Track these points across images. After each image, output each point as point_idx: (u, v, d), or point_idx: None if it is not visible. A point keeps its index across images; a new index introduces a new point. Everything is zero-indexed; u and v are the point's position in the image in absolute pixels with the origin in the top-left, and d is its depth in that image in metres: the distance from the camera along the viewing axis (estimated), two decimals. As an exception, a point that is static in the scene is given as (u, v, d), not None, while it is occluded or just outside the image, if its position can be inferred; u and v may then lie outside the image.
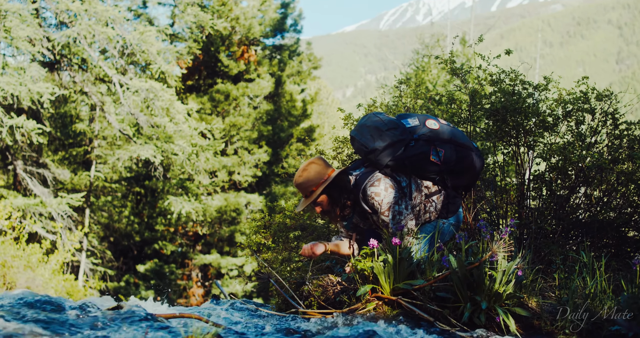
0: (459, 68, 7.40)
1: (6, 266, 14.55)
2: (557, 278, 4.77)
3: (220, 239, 29.82)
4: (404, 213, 4.98)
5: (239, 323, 4.70)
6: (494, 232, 4.27)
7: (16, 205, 21.28)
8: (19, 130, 19.55)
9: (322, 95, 48.25)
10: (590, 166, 6.36)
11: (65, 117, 27.74)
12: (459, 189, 5.38)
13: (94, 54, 22.14)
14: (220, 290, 6.92)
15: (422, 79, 28.82)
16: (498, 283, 4.06)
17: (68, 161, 28.87)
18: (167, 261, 29.73)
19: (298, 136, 31.36)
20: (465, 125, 7.15)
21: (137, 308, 4.12)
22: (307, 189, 5.17)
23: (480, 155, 5.30)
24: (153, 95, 21.64)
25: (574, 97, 6.81)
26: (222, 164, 28.66)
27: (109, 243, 30.89)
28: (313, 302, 4.99)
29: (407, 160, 5.05)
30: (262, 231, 8.13)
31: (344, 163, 7.86)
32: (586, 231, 6.53)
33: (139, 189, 31.04)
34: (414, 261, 4.52)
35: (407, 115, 5.40)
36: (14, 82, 18.64)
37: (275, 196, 29.22)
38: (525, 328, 4.11)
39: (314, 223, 7.78)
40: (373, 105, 8.16)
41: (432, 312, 4.22)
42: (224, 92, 29.74)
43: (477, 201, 6.87)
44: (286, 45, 33.50)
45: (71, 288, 18.37)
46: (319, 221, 7.81)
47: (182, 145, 23.04)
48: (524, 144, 6.92)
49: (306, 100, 33.88)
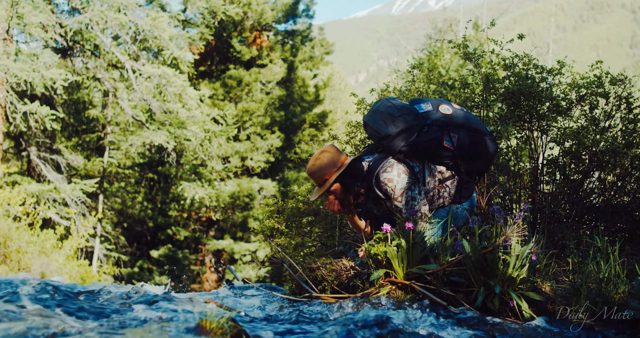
0: (471, 53, 7.37)
1: (21, 252, 14.64)
2: (570, 263, 4.76)
3: (233, 224, 29.89)
4: (418, 199, 4.96)
5: (252, 308, 4.71)
6: (508, 217, 4.26)
7: (30, 191, 21.39)
8: (32, 116, 19.63)
9: (334, 80, 48.24)
10: (604, 151, 6.33)
11: (78, 103, 27.83)
12: (473, 174, 5.33)
13: (107, 40, 22.17)
14: (234, 275, 6.95)
15: (434, 64, 28.73)
16: (512, 267, 4.06)
17: (81, 147, 28.98)
18: (181, 247, 29.84)
19: (311, 122, 31.35)
20: (478, 110, 7.13)
21: (151, 293, 4.15)
22: (321, 178, 5.14)
23: (493, 139, 5.26)
24: (165, 81, 21.66)
25: (587, 82, 6.77)
26: (234, 149, 28.70)
27: (123, 229, 31.02)
28: (326, 286, 5.00)
29: (421, 146, 5.01)
30: (275, 216, 8.13)
31: (357, 148, 7.85)
32: (600, 216, 6.51)
33: (152, 175, 31.13)
34: (428, 245, 4.52)
35: (420, 100, 5.36)
36: (27, 69, 18.69)
37: (288, 181, 29.26)
38: (538, 312, 4.10)
39: (327, 208, 7.78)
40: (386, 90, 8.13)
41: (446, 297, 4.21)
42: (237, 78, 29.73)
43: (490, 186, 6.85)
44: (298, 30, 33.45)
45: (85, 274, 18.46)
46: (332, 206, 7.81)
47: (195, 131, 23.07)
48: (538, 128, 6.89)
49: (319, 85, 33.84)
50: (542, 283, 4.33)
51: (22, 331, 2.68)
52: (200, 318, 2.94)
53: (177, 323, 3.24)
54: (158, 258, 28.62)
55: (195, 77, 30.00)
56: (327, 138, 8.22)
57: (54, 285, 4.36)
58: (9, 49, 19.35)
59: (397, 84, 8.71)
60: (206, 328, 2.87)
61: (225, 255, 29.65)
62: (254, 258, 28.65)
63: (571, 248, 5.12)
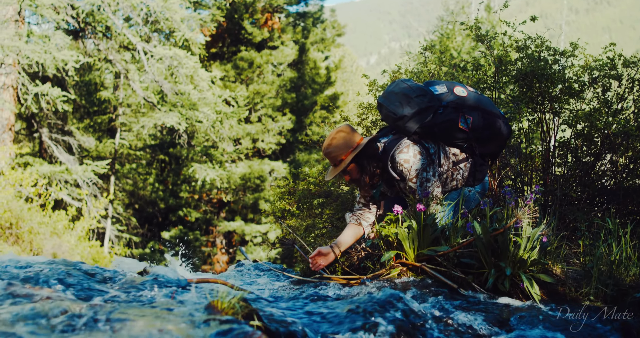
0: (484, 35, 7.34)
1: (33, 233, 14.70)
2: (581, 245, 4.76)
3: (244, 206, 29.95)
4: (432, 180, 4.95)
5: (264, 288, 4.73)
6: (519, 199, 4.26)
7: (42, 172, 21.47)
8: (44, 98, 19.67)
9: (346, 62, 48.09)
10: (617, 133, 6.31)
11: (90, 85, 27.86)
12: (486, 157, 5.33)
13: (118, 21, 22.16)
14: (245, 256, 6.98)
15: (446, 46, 28.63)
16: (522, 249, 4.06)
17: (93, 129, 29.05)
18: (192, 228, 29.94)
19: (322, 104, 31.32)
20: (490, 92, 7.11)
21: (163, 273, 4.17)
22: (336, 158, 5.12)
23: (507, 122, 5.25)
24: (177, 62, 21.66)
25: (600, 64, 6.74)
26: (246, 131, 28.71)
27: (134, 210, 31.13)
28: (337, 267, 5.01)
29: (436, 127, 5.00)
30: (286, 198, 8.15)
31: (369, 130, 7.84)
32: (611, 198, 6.50)
33: (164, 156, 31.20)
34: (439, 227, 4.52)
35: (434, 82, 5.34)
36: (39, 50, 18.70)
37: (299, 163, 29.26)
38: (549, 294, 4.11)
39: (338, 190, 7.79)
40: (398, 72, 8.12)
41: (456, 278, 4.22)
42: (248, 60, 29.70)
43: (501, 168, 6.84)
44: (310, 12, 33.36)
45: (97, 255, 18.53)
46: (343, 188, 7.82)
47: (207, 112, 23.07)
48: (550, 110, 6.87)
49: (330, 67, 33.80)
50: (553, 265, 4.33)
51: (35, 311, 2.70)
52: (212, 298, 2.96)
53: (188, 303, 3.26)
54: (169, 240, 28.72)
55: (207, 59, 29.98)
56: (338, 120, 8.22)
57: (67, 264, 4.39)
58: (21, 31, 19.36)
59: (409, 66, 8.69)
60: (218, 308, 2.88)
61: (236, 236, 29.73)
62: (264, 239, 28.72)
63: (582, 230, 5.12)
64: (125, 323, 2.59)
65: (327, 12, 34.90)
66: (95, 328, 2.51)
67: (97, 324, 2.57)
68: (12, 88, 19.78)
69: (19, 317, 2.59)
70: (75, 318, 2.65)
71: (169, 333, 2.48)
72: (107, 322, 2.60)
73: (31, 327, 2.47)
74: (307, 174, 8.25)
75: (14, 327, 2.44)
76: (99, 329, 2.50)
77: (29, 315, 2.63)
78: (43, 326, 2.50)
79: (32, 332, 2.40)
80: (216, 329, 2.58)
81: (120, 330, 2.48)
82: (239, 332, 2.53)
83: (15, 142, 25.19)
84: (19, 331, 2.39)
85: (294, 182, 8.28)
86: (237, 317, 2.83)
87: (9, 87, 19.69)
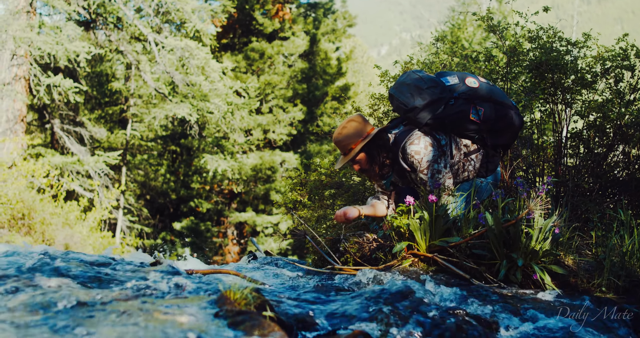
0: (496, 25, 7.32)
1: (45, 223, 14.76)
2: (594, 236, 4.75)
3: (255, 197, 29.97)
4: (443, 172, 4.96)
5: (275, 279, 4.74)
6: (531, 190, 4.25)
7: (54, 163, 21.54)
8: (56, 89, 19.72)
9: (356, 53, 48.05)
10: (629, 124, 6.29)
11: (101, 76, 27.91)
12: (498, 148, 5.32)
13: (129, 12, 22.16)
14: (256, 247, 6.99)
15: (457, 36, 28.57)
16: (534, 240, 4.06)
17: (104, 120, 29.10)
18: (203, 219, 29.99)
19: (333, 95, 31.29)
20: (502, 83, 7.09)
21: (175, 265, 4.18)
22: (346, 146, 5.15)
23: (519, 113, 5.24)
24: (188, 53, 21.66)
25: (612, 54, 6.72)
26: (257, 122, 28.72)
27: (145, 201, 31.19)
28: (349, 258, 5.02)
29: (447, 119, 5.00)
30: (297, 189, 8.15)
31: (380, 121, 7.84)
32: (624, 189, 6.48)
33: (175, 147, 31.24)
34: (450, 218, 4.52)
35: (446, 73, 5.33)
36: (51, 42, 18.74)
37: (310, 154, 29.26)
38: (561, 285, 4.11)
39: (350, 180, 7.78)
40: (409, 62, 8.10)
41: (468, 269, 4.23)
42: (259, 51, 29.69)
43: (513, 159, 6.83)
44: (321, 3, 33.32)
45: (108, 245, 18.57)
46: (354, 179, 7.82)
47: (218, 103, 23.07)
48: (562, 101, 6.85)
49: (341, 58, 33.74)
50: (565, 257, 4.33)
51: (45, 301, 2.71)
52: (225, 289, 2.97)
53: (201, 295, 3.27)
54: (180, 230, 28.80)
55: (218, 49, 29.99)
56: (349, 111, 8.21)
57: (77, 256, 4.41)
58: (33, 22, 19.39)
59: (421, 56, 8.67)
60: (230, 299, 2.90)
61: (248, 227, 29.77)
62: (276, 230, 28.74)
63: (595, 221, 5.11)
64: (137, 314, 2.61)
65: (337, 2, 34.92)
66: (107, 319, 2.52)
67: (109, 315, 2.58)
68: (24, 79, 19.82)
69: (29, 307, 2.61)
70: (85, 309, 2.66)
71: (182, 324, 2.50)
72: (118, 313, 2.62)
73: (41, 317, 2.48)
74: (318, 165, 8.25)
75: (24, 317, 2.46)
76: (111, 320, 2.51)
77: (39, 305, 2.65)
78: (52, 316, 2.52)
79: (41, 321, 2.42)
80: (229, 320, 2.59)
81: (132, 320, 2.49)
82: (252, 323, 2.54)
83: (27, 133, 25.26)
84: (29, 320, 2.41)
85: (305, 173, 8.28)
86: (249, 307, 2.84)
87: (20, 79, 19.74)
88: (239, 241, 30.64)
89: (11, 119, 19.39)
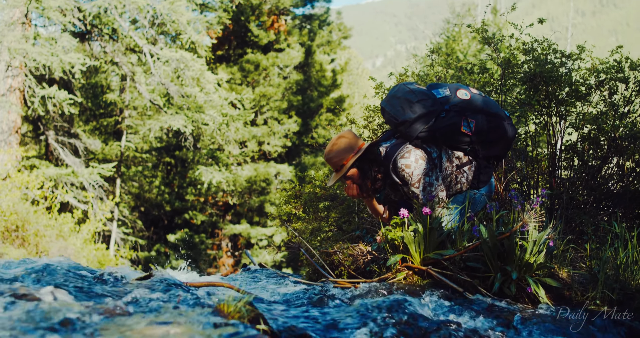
0: (491, 37, 7.34)
1: (39, 235, 14.74)
2: (588, 249, 4.75)
3: (250, 209, 29.99)
4: (435, 185, 4.95)
5: (269, 292, 4.73)
6: (525, 202, 4.25)
7: (48, 175, 21.54)
8: (50, 100, 19.72)
9: (352, 65, 48.13)
10: (623, 136, 6.31)
11: (96, 87, 27.94)
12: (491, 160, 5.31)
13: (125, 24, 22.21)
14: (250, 259, 6.98)
15: (452, 48, 28.64)
16: (529, 253, 4.05)
17: (99, 131, 29.12)
18: (197, 231, 29.99)
19: (328, 106, 31.37)
20: (497, 95, 7.10)
21: (168, 277, 4.17)
22: (338, 163, 5.13)
23: (512, 124, 5.23)
24: (183, 65, 21.69)
25: (607, 67, 6.74)
26: (252, 134, 28.75)
27: (140, 213, 31.18)
28: (343, 271, 5.01)
29: (438, 131, 4.99)
30: (292, 201, 8.15)
31: (375, 132, 7.85)
32: (618, 202, 6.49)
33: (170, 159, 31.25)
34: (445, 231, 4.51)
35: (438, 85, 5.33)
36: (46, 53, 18.75)
37: (305, 166, 29.30)
38: (555, 298, 4.10)
39: (344, 193, 7.79)
40: (404, 74, 8.12)
41: (462, 282, 4.22)
42: (254, 62, 29.75)
43: (508, 171, 6.84)
44: (316, 14, 33.41)
45: (102, 258, 18.57)
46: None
47: (213, 115, 23.09)
48: (556, 113, 6.87)
49: (336, 70, 33.82)
50: (559, 269, 4.32)
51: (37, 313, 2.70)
52: (218, 302, 2.96)
53: (194, 307, 3.26)
54: (175, 242, 28.78)
55: (213, 61, 30.03)
56: (344, 123, 8.22)
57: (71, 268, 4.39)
58: (28, 33, 19.42)
59: (416, 68, 8.69)
60: (224, 312, 2.88)
61: (242, 239, 29.78)
62: (270, 242, 28.75)
63: (589, 234, 5.12)
64: (130, 327, 2.59)
65: (333, 14, 34.92)
66: (99, 332, 2.51)
67: (101, 328, 2.57)
68: (19, 91, 19.84)
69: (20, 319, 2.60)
70: (77, 321, 2.65)
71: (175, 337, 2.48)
72: (111, 326, 2.61)
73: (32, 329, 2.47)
74: (313, 177, 8.26)
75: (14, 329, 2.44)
76: (102, 333, 2.50)
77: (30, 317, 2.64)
78: (44, 328, 2.50)
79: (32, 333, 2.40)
80: (222, 333, 2.58)
81: (125, 333, 2.48)
82: (245, 336, 2.53)
83: (22, 144, 25.24)
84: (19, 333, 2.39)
85: (299, 185, 8.28)
86: (243, 320, 2.83)
87: (15, 90, 19.75)
88: (233, 254, 30.63)
89: (5, 130, 19.39)
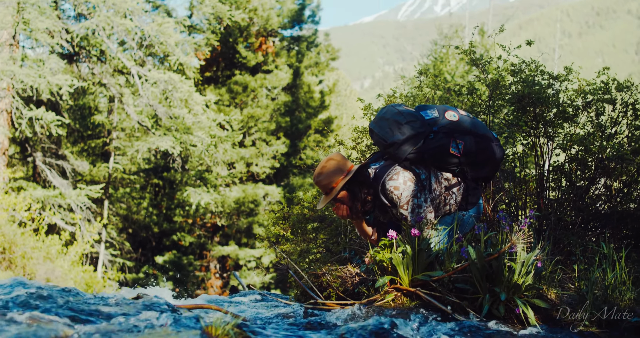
0: (478, 58, 7.37)
1: (26, 258, 14.68)
2: (576, 270, 4.75)
3: (238, 230, 29.93)
4: (423, 206, 4.94)
5: (257, 314, 4.71)
6: (513, 223, 4.26)
7: (35, 197, 21.48)
8: (38, 122, 19.70)
9: (340, 86, 48.26)
10: (611, 157, 6.32)
11: (84, 109, 27.94)
12: (479, 181, 5.32)
13: (113, 45, 22.24)
14: (239, 281, 6.95)
15: (440, 70, 28.79)
16: (517, 274, 4.05)
17: (87, 153, 29.08)
18: (186, 253, 29.90)
19: (316, 128, 31.42)
20: (485, 116, 7.12)
21: (157, 299, 4.15)
22: (327, 186, 5.10)
23: (500, 145, 5.24)
24: (172, 86, 21.73)
25: (594, 88, 6.77)
26: (240, 155, 28.75)
27: (128, 235, 31.08)
28: (332, 293, 5.00)
29: (427, 153, 4.99)
30: (280, 223, 8.13)
31: (363, 154, 7.85)
32: (606, 223, 6.50)
33: (158, 180, 31.21)
34: (433, 252, 4.51)
35: (426, 106, 5.34)
36: (33, 74, 18.75)
37: (293, 187, 29.30)
38: (544, 319, 4.10)
39: (333, 214, 7.77)
40: (393, 96, 8.13)
41: (451, 304, 4.21)
42: (242, 84, 29.80)
43: (496, 192, 6.85)
44: (304, 36, 33.52)
45: (90, 280, 18.50)
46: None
47: (201, 136, 23.11)
48: (544, 134, 6.89)
49: (324, 91, 33.91)
50: (548, 290, 4.32)
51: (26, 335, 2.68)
52: (206, 325, 2.94)
53: (182, 330, 3.24)
54: (163, 264, 28.68)
55: (201, 82, 30.06)
56: (332, 144, 8.22)
57: (59, 290, 4.37)
58: (15, 55, 19.42)
59: (404, 90, 8.71)
60: (212, 335, 2.87)
61: (230, 261, 29.68)
62: (258, 264, 28.68)
63: (577, 254, 5.12)
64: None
65: (321, 36, 35.03)
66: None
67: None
68: (6, 112, 19.82)
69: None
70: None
71: (162, 360, 2.47)
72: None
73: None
74: (301, 198, 8.24)
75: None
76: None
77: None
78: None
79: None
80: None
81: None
82: (232, 360, 2.52)
83: (9, 166, 25.13)
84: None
85: (288, 206, 8.27)
86: (230, 343, 2.81)
87: (3, 112, 19.74)
88: (221, 275, 30.52)
89: (-7, 152, 19.34)
